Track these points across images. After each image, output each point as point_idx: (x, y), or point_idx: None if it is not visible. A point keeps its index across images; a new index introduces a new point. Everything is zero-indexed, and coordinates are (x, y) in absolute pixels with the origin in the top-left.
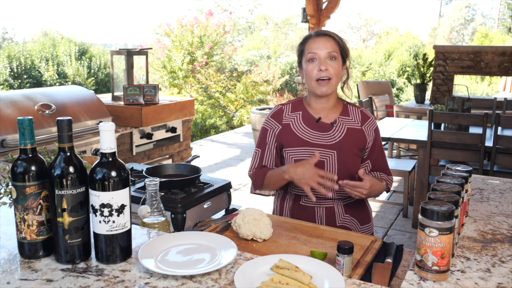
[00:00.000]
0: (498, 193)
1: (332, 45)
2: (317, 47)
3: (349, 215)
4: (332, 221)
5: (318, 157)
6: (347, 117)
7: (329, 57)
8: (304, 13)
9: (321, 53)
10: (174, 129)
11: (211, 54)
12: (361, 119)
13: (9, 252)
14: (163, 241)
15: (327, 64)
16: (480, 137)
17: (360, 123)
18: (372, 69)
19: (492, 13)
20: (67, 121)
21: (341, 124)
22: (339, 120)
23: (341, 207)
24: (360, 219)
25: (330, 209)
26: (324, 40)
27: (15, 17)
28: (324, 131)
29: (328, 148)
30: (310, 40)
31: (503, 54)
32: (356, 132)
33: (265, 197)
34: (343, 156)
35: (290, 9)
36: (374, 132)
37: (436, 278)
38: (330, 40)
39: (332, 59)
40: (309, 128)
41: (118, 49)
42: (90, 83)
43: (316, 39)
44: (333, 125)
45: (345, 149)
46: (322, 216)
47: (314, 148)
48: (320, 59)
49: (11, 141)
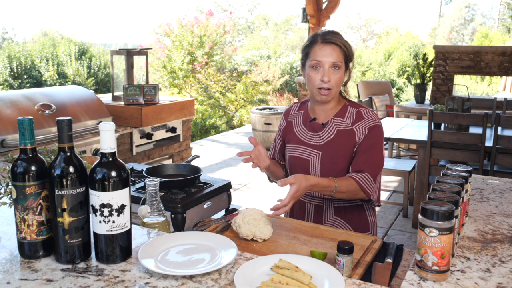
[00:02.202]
0: (498, 193)
1: (337, 54)
2: (322, 55)
3: (339, 218)
4: (319, 219)
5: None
6: (341, 118)
7: (333, 66)
8: (304, 13)
9: (325, 62)
10: (174, 129)
11: (211, 54)
12: (354, 119)
13: (9, 252)
14: (163, 241)
15: (330, 74)
16: (480, 137)
17: (352, 123)
18: (372, 69)
19: (492, 13)
20: (67, 121)
21: (332, 126)
22: (331, 122)
23: (331, 207)
24: (354, 225)
25: (318, 207)
26: (330, 49)
27: (15, 17)
28: (315, 131)
29: (315, 148)
30: (316, 46)
31: (503, 54)
32: (346, 133)
33: (265, 197)
34: (328, 157)
35: (290, 9)
36: (368, 130)
37: (436, 278)
38: (336, 49)
39: (335, 69)
40: (305, 127)
41: (118, 49)
42: (90, 83)
43: (322, 47)
44: (324, 126)
45: (331, 151)
46: (310, 212)
47: (304, 147)
48: (324, 68)
49: (11, 141)
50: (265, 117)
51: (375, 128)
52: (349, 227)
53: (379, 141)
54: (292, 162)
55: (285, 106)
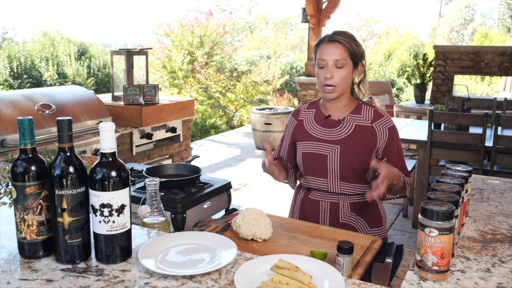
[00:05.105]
0: (498, 193)
1: (340, 52)
2: (326, 53)
3: (355, 214)
4: (336, 217)
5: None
6: (358, 115)
7: (336, 65)
8: (304, 13)
9: (329, 60)
10: (174, 129)
11: (211, 54)
12: (373, 117)
13: (9, 252)
14: (163, 241)
15: (333, 72)
16: (480, 137)
17: (371, 121)
18: (372, 69)
19: (492, 13)
20: (67, 121)
21: (349, 121)
22: (348, 118)
23: (347, 204)
24: (369, 220)
25: (334, 205)
26: (333, 47)
27: (15, 17)
28: (331, 127)
29: (332, 143)
30: (322, 45)
31: (503, 54)
32: (366, 129)
33: (265, 197)
34: (347, 151)
35: (289, 9)
36: (388, 130)
37: (436, 278)
38: (339, 47)
39: (339, 66)
40: (318, 124)
41: (118, 49)
42: (90, 83)
43: (326, 46)
44: (340, 122)
45: (350, 145)
46: (326, 211)
47: (319, 143)
48: (328, 66)
49: (11, 141)
50: (265, 117)
51: (393, 129)
52: (364, 223)
53: (399, 140)
54: (307, 158)
55: (285, 106)
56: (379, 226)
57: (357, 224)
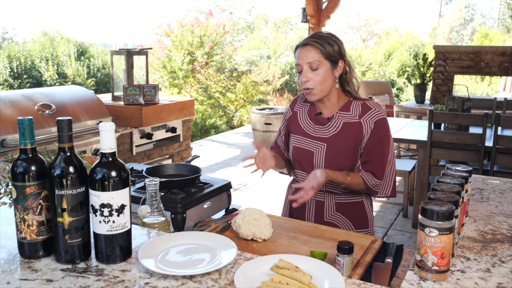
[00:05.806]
0: (498, 193)
1: (312, 55)
2: (300, 57)
3: (340, 214)
4: (320, 215)
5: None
6: (346, 112)
7: (311, 67)
8: (304, 13)
9: (303, 64)
10: (174, 129)
11: (211, 54)
12: (361, 112)
13: (9, 252)
14: (163, 241)
15: (308, 75)
16: (480, 137)
17: (359, 116)
18: (372, 69)
19: (492, 13)
20: (67, 121)
21: (337, 119)
22: (336, 115)
23: (332, 203)
24: (355, 221)
25: (319, 203)
26: (304, 51)
27: (15, 17)
28: (321, 124)
29: (319, 140)
30: (297, 50)
31: (503, 54)
32: (353, 125)
33: (265, 197)
34: (333, 149)
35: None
36: (374, 124)
37: (436, 278)
38: (310, 50)
39: (313, 68)
40: (310, 120)
41: (118, 49)
42: (90, 83)
43: (300, 50)
44: (329, 120)
45: (336, 144)
46: (312, 209)
47: (308, 139)
48: (303, 69)
49: (11, 141)
50: (265, 117)
51: (380, 122)
52: (349, 223)
53: (385, 134)
54: (296, 153)
55: (285, 106)
56: (365, 228)
57: (342, 224)
